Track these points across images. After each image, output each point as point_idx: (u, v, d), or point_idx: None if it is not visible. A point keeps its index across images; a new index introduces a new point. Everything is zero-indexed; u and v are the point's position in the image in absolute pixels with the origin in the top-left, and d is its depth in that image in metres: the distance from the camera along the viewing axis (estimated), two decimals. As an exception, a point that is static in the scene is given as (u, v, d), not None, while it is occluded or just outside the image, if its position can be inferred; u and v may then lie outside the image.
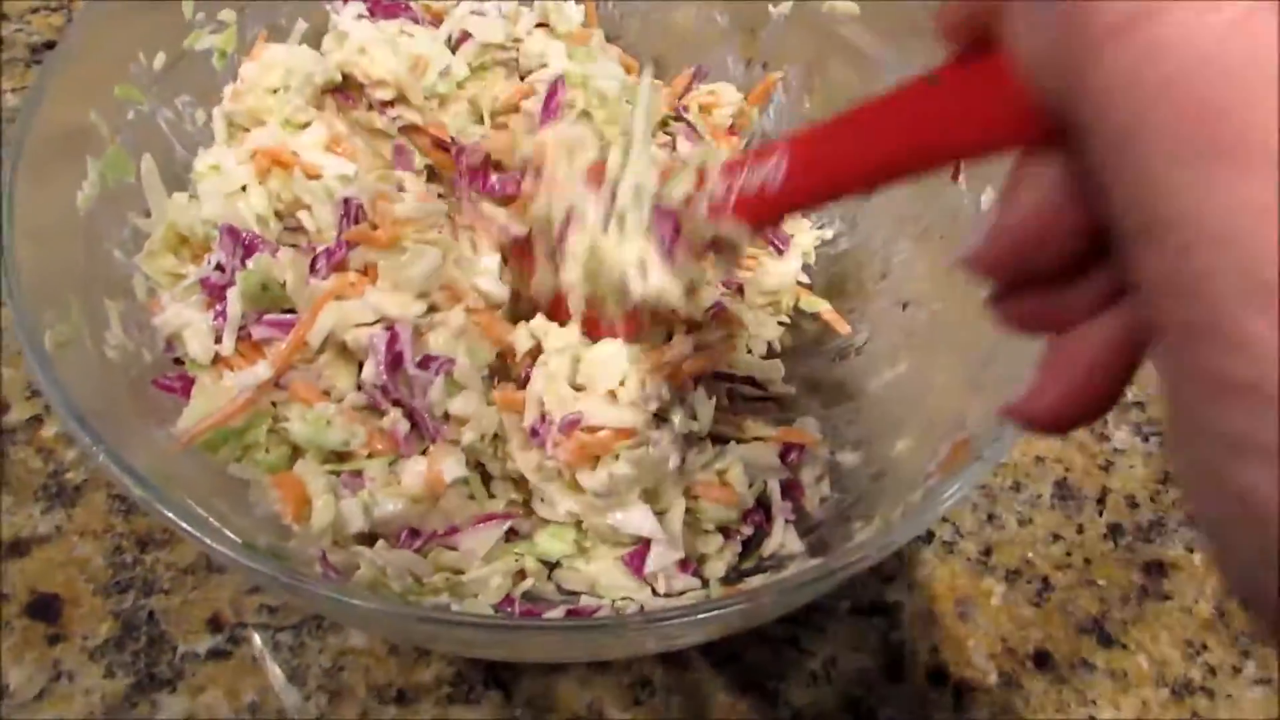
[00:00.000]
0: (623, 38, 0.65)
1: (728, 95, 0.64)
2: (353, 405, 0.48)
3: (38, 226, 0.43)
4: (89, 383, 0.42)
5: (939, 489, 0.40)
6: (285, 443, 0.47)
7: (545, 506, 0.48)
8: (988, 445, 0.40)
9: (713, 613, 0.37)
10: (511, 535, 0.48)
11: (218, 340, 0.49)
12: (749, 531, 0.50)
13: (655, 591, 0.48)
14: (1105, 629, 0.55)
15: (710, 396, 0.50)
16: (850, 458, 0.52)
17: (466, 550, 0.46)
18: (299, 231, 0.53)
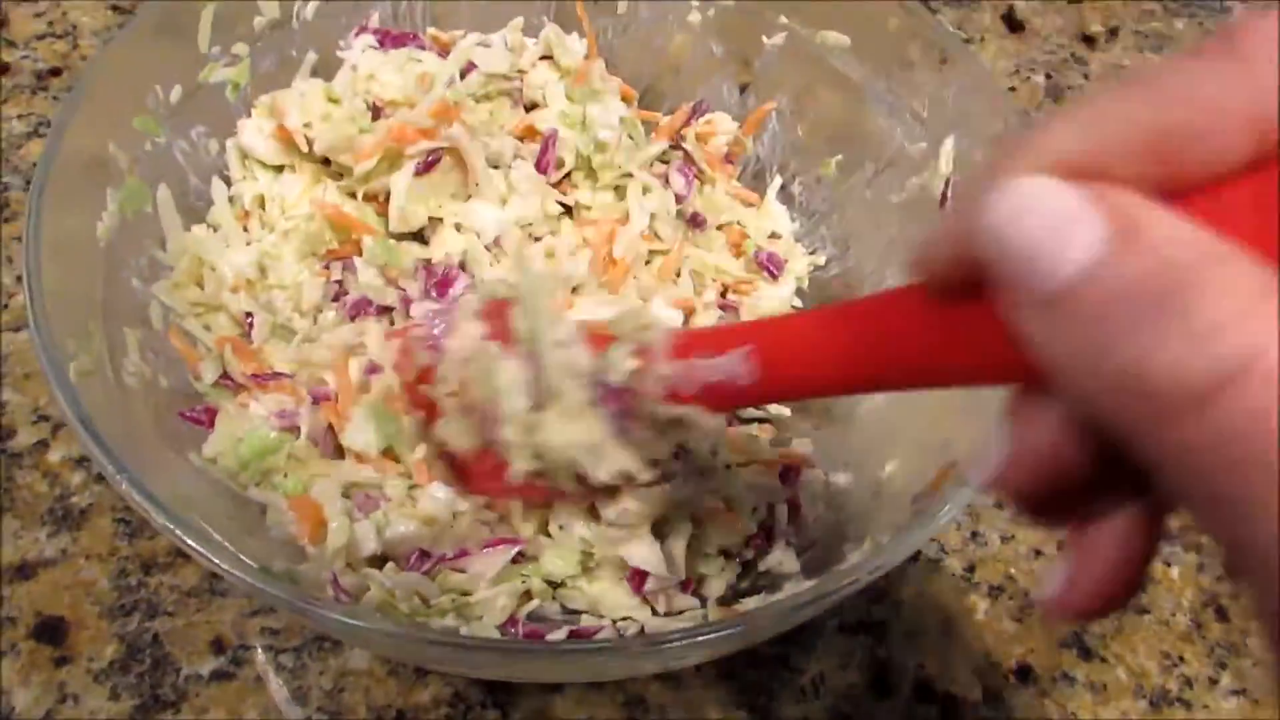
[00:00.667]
0: (621, 68, 0.66)
1: (723, 124, 0.65)
2: None
3: (61, 257, 0.44)
4: (110, 410, 0.43)
5: (929, 511, 0.41)
6: (303, 468, 0.49)
7: (561, 533, 0.49)
8: (975, 468, 0.41)
9: (713, 635, 0.39)
10: (519, 557, 0.49)
11: None
12: (750, 555, 0.51)
13: (655, 611, 0.49)
14: (1085, 642, 0.56)
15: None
16: (843, 478, 0.54)
17: (474, 573, 0.47)
18: None
